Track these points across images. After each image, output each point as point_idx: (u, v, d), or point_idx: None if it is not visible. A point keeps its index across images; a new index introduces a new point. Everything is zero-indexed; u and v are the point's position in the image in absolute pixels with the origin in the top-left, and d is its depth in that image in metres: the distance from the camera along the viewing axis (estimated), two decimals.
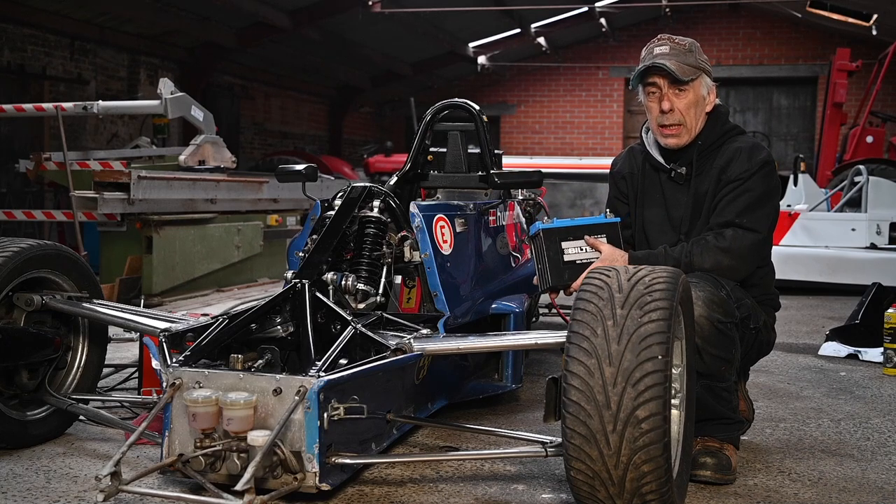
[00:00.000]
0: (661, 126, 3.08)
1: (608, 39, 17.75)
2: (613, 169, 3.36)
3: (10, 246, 3.02)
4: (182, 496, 2.36)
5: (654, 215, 3.17)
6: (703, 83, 3.06)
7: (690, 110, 3.04)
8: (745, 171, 3.00)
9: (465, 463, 2.94)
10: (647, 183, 3.22)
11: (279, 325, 2.77)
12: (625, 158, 3.34)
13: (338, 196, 3.35)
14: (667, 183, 3.16)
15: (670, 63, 2.98)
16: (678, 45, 3.04)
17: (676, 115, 3.03)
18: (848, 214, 8.87)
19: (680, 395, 2.54)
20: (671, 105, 3.02)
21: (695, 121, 3.06)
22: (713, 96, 3.11)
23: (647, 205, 3.20)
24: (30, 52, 10.47)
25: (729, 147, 3.08)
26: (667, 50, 3.02)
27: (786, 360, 4.90)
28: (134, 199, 6.32)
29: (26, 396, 3.09)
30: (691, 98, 3.03)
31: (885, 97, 15.49)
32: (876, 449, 3.21)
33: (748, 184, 2.99)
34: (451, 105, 4.20)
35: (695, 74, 3.02)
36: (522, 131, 19.06)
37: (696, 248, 2.95)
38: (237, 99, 14.80)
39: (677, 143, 3.08)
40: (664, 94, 3.03)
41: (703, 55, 3.09)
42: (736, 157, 3.03)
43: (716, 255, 2.92)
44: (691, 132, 3.07)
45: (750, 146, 3.07)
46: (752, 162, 3.01)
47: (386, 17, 13.08)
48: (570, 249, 3.00)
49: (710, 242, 2.95)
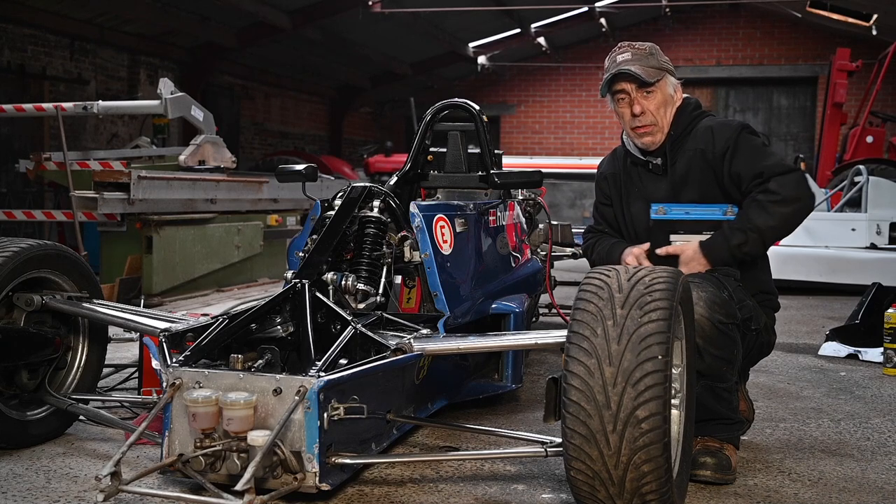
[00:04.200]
0: (634, 128, 3.17)
1: (608, 39, 17.75)
2: (598, 171, 3.47)
3: (10, 246, 3.02)
4: (182, 496, 2.36)
5: (637, 209, 3.26)
6: (669, 82, 3.16)
7: (661, 110, 3.14)
8: (728, 139, 3.08)
9: (465, 463, 2.94)
10: (628, 180, 3.30)
11: (279, 325, 2.77)
12: (609, 160, 3.45)
13: (338, 196, 3.35)
14: (645, 176, 3.25)
15: (635, 68, 3.08)
16: (639, 50, 3.14)
17: (649, 117, 3.13)
18: (848, 214, 8.87)
19: (680, 395, 2.54)
20: (642, 108, 3.12)
21: (666, 118, 3.16)
22: (680, 93, 3.22)
23: (630, 201, 3.29)
24: (30, 52, 10.47)
25: (699, 128, 3.16)
26: (629, 56, 3.12)
27: (786, 360, 4.90)
28: (134, 199, 6.32)
29: (26, 396, 3.08)
30: (660, 98, 3.13)
31: (885, 97, 15.48)
32: (876, 449, 3.21)
33: (740, 145, 3.06)
34: (451, 105, 4.20)
35: (659, 75, 3.12)
36: (522, 131, 19.06)
37: (752, 211, 2.99)
38: (237, 99, 14.80)
39: (652, 140, 3.18)
40: (633, 98, 3.13)
41: (663, 56, 3.19)
42: (711, 135, 3.11)
43: (775, 208, 2.96)
44: (664, 129, 3.17)
45: (719, 122, 3.17)
46: (731, 129, 3.10)
47: (386, 17, 13.09)
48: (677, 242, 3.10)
49: (761, 201, 2.98)
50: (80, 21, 10.95)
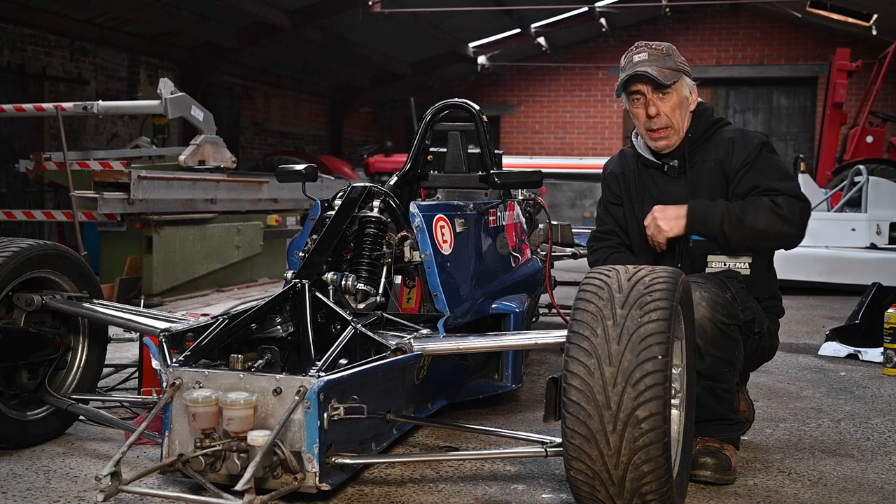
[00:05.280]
0: (649, 130, 3.13)
1: (608, 39, 17.77)
2: (605, 171, 3.41)
3: (10, 246, 3.02)
4: (182, 496, 2.36)
5: (649, 212, 3.18)
6: (685, 84, 3.12)
7: (676, 112, 3.09)
8: (748, 156, 3.05)
9: (465, 463, 2.94)
10: (639, 182, 3.26)
11: (279, 325, 2.77)
12: (616, 160, 3.39)
13: (338, 196, 3.35)
14: (660, 178, 3.20)
15: (651, 69, 3.04)
16: (656, 50, 3.10)
17: (664, 119, 3.09)
18: (848, 214, 8.87)
19: (680, 395, 2.54)
20: (657, 109, 3.08)
21: (681, 121, 3.12)
22: (695, 95, 3.18)
23: (642, 203, 3.23)
24: (30, 52, 10.47)
25: (721, 138, 3.13)
26: (646, 57, 3.08)
27: (786, 360, 4.90)
28: (134, 199, 6.32)
29: (26, 396, 3.08)
30: (675, 100, 3.09)
31: (885, 97, 15.47)
32: (876, 449, 3.21)
33: (758, 164, 3.03)
34: (451, 105, 4.20)
35: (676, 77, 3.07)
36: (522, 131, 19.06)
37: (751, 206, 2.95)
38: (237, 99, 14.80)
39: (667, 144, 3.14)
40: (649, 99, 3.09)
41: (680, 57, 3.15)
42: (732, 147, 3.08)
43: (772, 217, 2.91)
44: (679, 133, 3.13)
45: (741, 134, 3.14)
46: (751, 146, 3.07)
47: (386, 17, 13.08)
48: (714, 264, 3.05)
49: (765, 203, 2.94)
50: (80, 21, 10.95)
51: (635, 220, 3.24)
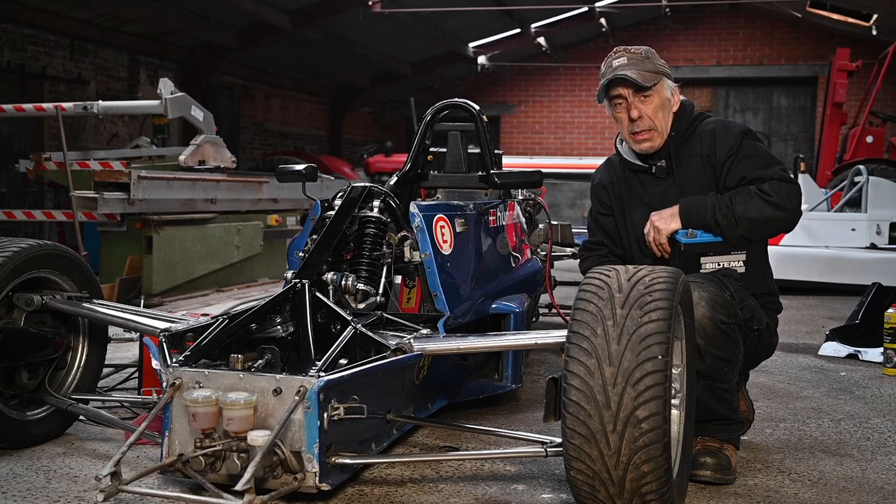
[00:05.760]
0: (632, 134, 3.15)
1: (608, 39, 17.76)
2: (594, 182, 3.43)
3: (10, 246, 3.02)
4: (182, 496, 2.36)
5: (640, 216, 3.21)
6: (665, 86, 3.13)
7: (658, 114, 3.11)
8: (732, 147, 3.07)
9: (465, 463, 2.94)
10: (628, 187, 3.28)
11: (279, 325, 2.77)
12: (604, 170, 3.41)
13: (338, 196, 3.35)
14: (648, 181, 3.22)
15: (631, 72, 3.05)
16: (634, 54, 3.12)
17: (646, 121, 3.11)
18: (848, 214, 8.86)
19: (680, 395, 2.54)
20: (639, 112, 3.09)
21: (664, 123, 3.14)
22: (678, 96, 3.19)
23: (632, 209, 3.25)
24: (30, 52, 10.47)
25: (702, 131, 3.15)
26: (625, 61, 3.09)
27: (786, 360, 4.90)
28: (134, 199, 6.32)
29: (26, 396, 3.08)
30: (657, 102, 3.10)
31: (885, 97, 15.48)
32: (876, 449, 3.21)
33: (742, 152, 3.05)
34: (451, 105, 4.20)
35: (656, 79, 3.09)
36: (522, 131, 19.06)
37: (739, 196, 2.96)
38: (237, 99, 14.80)
39: (651, 146, 3.15)
40: (630, 102, 3.10)
41: (659, 60, 3.17)
42: (714, 139, 3.10)
43: (761, 204, 2.93)
44: (663, 134, 3.14)
45: (722, 125, 3.16)
46: (733, 136, 3.09)
47: (386, 17, 13.09)
48: (707, 265, 3.04)
49: (752, 191, 2.96)
50: (80, 21, 10.95)
51: (626, 228, 3.26)
